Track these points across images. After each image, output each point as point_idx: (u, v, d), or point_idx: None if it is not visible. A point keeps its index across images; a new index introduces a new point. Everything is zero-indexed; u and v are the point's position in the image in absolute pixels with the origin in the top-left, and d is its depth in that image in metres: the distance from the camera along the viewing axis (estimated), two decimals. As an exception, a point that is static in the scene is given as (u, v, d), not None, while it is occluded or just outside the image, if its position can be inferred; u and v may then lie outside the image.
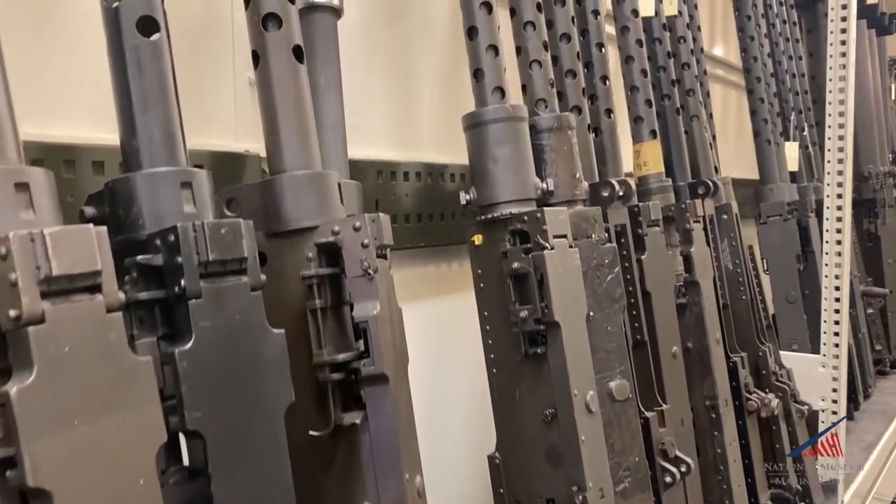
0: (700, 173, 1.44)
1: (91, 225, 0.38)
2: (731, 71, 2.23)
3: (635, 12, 1.25)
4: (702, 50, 1.66)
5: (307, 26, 0.81)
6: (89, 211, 0.51)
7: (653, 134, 1.25)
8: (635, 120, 1.25)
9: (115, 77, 0.51)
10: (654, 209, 1.11)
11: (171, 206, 0.49)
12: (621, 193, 1.04)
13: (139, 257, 0.46)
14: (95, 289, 0.38)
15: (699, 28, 1.62)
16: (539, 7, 0.98)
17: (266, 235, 0.60)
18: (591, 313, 0.88)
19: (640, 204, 1.09)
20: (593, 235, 0.93)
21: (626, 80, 1.26)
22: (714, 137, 1.67)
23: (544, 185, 0.90)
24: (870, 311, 2.49)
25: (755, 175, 1.98)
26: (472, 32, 0.90)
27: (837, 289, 1.62)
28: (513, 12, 0.99)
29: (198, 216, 0.50)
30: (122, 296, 0.40)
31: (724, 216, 1.42)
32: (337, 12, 0.82)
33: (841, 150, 1.70)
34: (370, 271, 0.58)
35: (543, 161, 0.95)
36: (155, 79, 0.51)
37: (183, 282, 0.45)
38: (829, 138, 1.75)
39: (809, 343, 1.81)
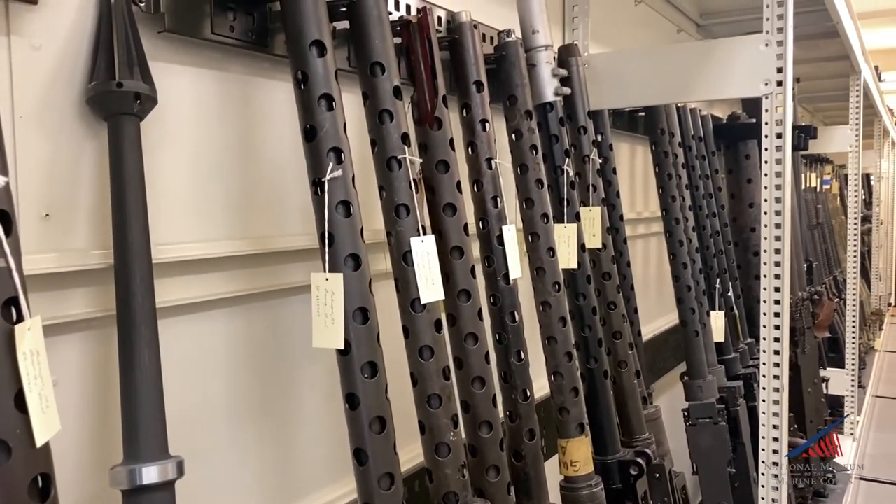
0: (631, 425, 1.29)
1: None
2: (651, 222, 2.11)
3: (557, 285, 1.08)
4: (628, 264, 1.52)
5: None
6: None
7: (580, 429, 1.08)
8: (560, 411, 1.08)
9: None
10: (587, 559, 0.94)
11: None
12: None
13: None
14: None
15: (629, 264, 1.48)
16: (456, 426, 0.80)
17: None
18: None
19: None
20: None
21: (549, 364, 1.09)
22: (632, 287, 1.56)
23: None
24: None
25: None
26: None
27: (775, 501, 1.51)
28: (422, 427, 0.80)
29: None
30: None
31: (657, 476, 1.27)
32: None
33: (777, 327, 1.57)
34: None
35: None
36: None
37: None
38: (765, 315, 1.60)
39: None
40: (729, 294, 2.01)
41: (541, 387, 1.15)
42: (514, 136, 1.10)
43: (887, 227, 6.73)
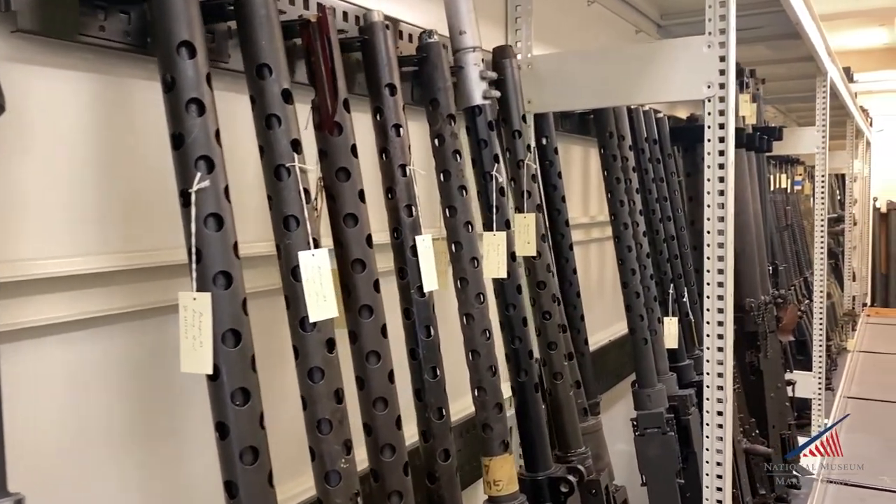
0: (566, 439, 1.25)
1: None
2: (607, 226, 2.06)
3: (481, 297, 1.04)
4: (574, 271, 1.48)
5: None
6: None
7: (504, 446, 1.03)
8: (483, 428, 1.04)
9: None
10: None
11: None
12: None
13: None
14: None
15: (574, 270, 1.45)
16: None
17: None
18: None
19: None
20: None
21: (473, 379, 1.04)
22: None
23: None
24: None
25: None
26: None
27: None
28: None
29: None
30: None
31: (593, 492, 1.23)
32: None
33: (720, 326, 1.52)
34: None
35: None
36: None
37: None
38: (709, 309, 1.53)
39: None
40: (684, 299, 1.97)
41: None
42: (436, 141, 1.05)
43: (862, 228, 6.76)
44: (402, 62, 1.10)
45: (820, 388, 3.24)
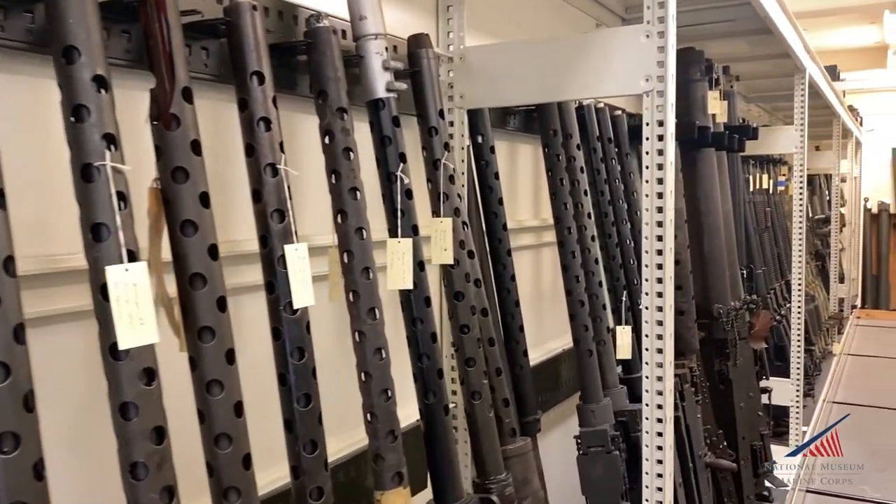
0: (484, 464, 1.14)
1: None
2: (544, 230, 1.91)
3: (374, 312, 0.93)
4: (513, 278, 1.38)
5: None
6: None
7: (398, 478, 0.93)
8: (375, 458, 0.93)
9: None
10: None
11: None
12: None
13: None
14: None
15: (513, 277, 1.34)
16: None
17: None
18: None
19: None
20: None
21: (365, 404, 0.93)
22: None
23: None
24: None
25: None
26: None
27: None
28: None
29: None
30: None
31: (515, 524, 1.12)
32: None
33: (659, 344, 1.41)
34: None
35: None
36: None
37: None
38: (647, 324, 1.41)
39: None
40: (640, 307, 1.86)
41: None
42: (326, 138, 0.94)
43: (853, 229, 6.65)
44: (291, 50, 1.00)
45: (798, 395, 3.14)
